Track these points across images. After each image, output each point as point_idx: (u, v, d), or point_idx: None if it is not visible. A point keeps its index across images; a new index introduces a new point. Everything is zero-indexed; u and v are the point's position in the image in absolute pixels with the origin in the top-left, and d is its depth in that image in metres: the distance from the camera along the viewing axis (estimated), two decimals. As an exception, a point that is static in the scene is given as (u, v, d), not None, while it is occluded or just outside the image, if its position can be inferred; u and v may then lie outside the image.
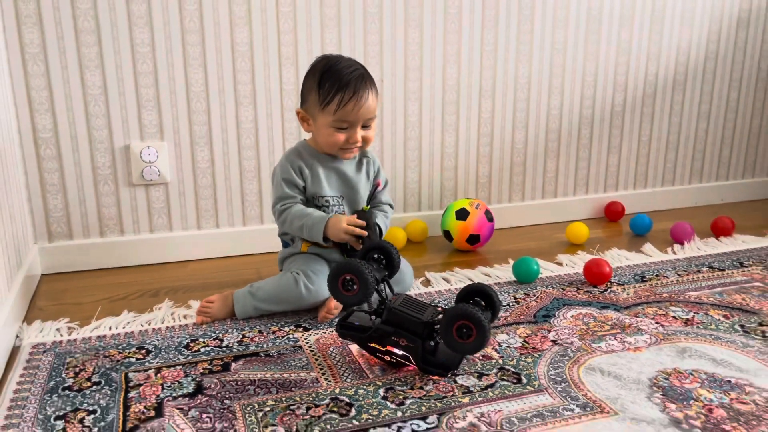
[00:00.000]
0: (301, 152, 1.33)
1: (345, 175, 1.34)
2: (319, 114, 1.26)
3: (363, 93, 1.24)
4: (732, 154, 2.19)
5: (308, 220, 1.27)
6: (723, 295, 1.39)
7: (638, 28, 1.94)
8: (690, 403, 0.98)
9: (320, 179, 1.31)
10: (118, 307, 1.35)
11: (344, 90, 1.23)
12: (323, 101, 1.24)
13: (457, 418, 0.94)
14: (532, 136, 1.91)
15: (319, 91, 1.24)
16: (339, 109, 1.24)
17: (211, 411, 0.97)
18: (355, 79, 1.24)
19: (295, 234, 1.31)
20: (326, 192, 1.32)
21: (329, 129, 1.27)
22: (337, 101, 1.23)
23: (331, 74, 1.24)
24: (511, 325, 1.26)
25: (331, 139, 1.27)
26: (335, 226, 1.24)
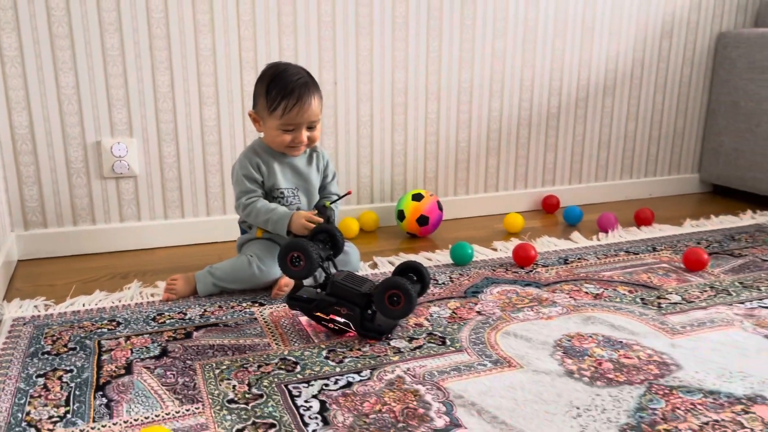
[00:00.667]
0: (257, 150, 1.48)
1: (298, 169, 1.49)
2: (268, 117, 1.41)
3: (306, 99, 1.39)
4: (659, 153, 2.40)
5: (273, 215, 1.41)
6: (632, 275, 1.58)
7: (570, 38, 2.13)
8: (584, 358, 1.16)
9: (276, 174, 1.47)
10: (90, 287, 1.49)
11: (289, 97, 1.37)
12: (271, 106, 1.39)
13: (387, 372, 1.11)
14: (474, 136, 2.09)
15: (267, 97, 1.39)
16: (285, 114, 1.38)
17: (174, 369, 1.12)
18: (299, 86, 1.38)
19: (259, 226, 1.46)
20: (282, 185, 1.47)
21: (277, 131, 1.41)
22: (282, 107, 1.38)
23: (278, 82, 1.38)
24: (444, 299, 1.43)
25: (278, 139, 1.42)
26: (297, 222, 1.39)
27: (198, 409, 0.99)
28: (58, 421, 0.96)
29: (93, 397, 1.03)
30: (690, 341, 1.23)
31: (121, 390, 1.05)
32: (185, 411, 0.99)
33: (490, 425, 0.96)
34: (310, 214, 1.40)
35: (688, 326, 1.30)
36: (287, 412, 0.98)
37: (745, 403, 1.02)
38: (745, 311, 1.37)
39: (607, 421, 0.97)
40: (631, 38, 2.22)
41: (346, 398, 1.02)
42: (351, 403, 1.01)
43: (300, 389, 1.05)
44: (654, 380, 1.08)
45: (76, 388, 1.05)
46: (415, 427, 0.95)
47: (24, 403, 1.01)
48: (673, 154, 2.43)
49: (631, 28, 2.22)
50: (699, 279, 1.55)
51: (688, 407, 1.00)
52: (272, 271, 1.41)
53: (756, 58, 2.19)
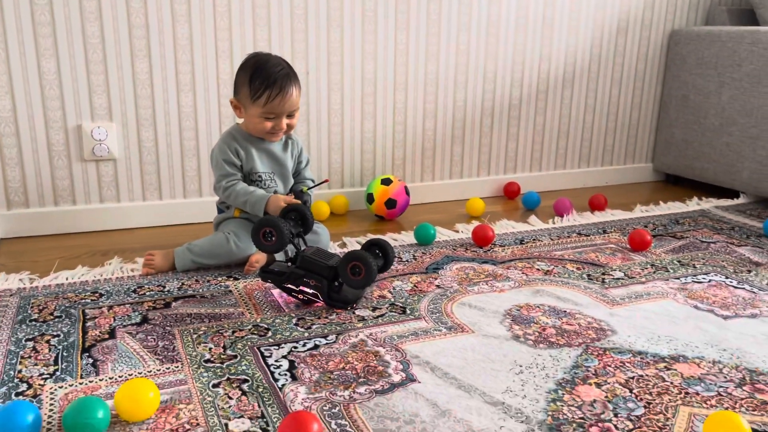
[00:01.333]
0: (235, 136, 1.56)
1: (274, 154, 1.59)
2: (250, 105, 1.50)
3: (288, 89, 1.48)
4: (615, 143, 2.54)
5: (251, 197, 1.51)
6: (581, 254, 1.71)
7: (531, 33, 2.25)
8: (530, 325, 1.28)
9: (254, 158, 1.56)
10: (72, 263, 1.57)
11: (272, 87, 1.46)
12: (254, 95, 1.47)
13: (351, 336, 1.22)
14: (440, 125, 2.20)
15: (251, 86, 1.47)
16: (267, 103, 1.47)
17: (155, 334, 1.21)
18: (281, 77, 1.47)
19: (238, 207, 1.55)
20: (259, 169, 1.57)
21: (258, 118, 1.50)
22: (266, 96, 1.46)
23: (261, 72, 1.47)
24: (406, 275, 1.54)
25: (260, 126, 1.51)
26: (275, 204, 1.48)
27: (177, 368, 1.09)
28: (48, 378, 1.05)
29: (80, 357, 1.12)
30: (626, 311, 1.36)
31: (105, 352, 1.14)
32: (165, 369, 1.09)
33: (442, 380, 1.07)
34: (287, 197, 1.49)
35: (627, 298, 1.43)
36: (259, 370, 1.09)
37: (668, 361, 1.15)
38: (679, 285, 1.50)
39: (545, 377, 1.09)
40: (588, 34, 2.35)
41: (313, 358, 1.13)
42: (317, 362, 1.12)
43: (271, 351, 1.15)
44: (591, 343, 1.21)
45: (63, 350, 1.14)
46: (374, 381, 1.06)
47: (15, 363, 1.09)
48: (628, 145, 2.57)
49: (589, 25, 2.34)
50: (642, 258, 1.69)
51: (617, 365, 1.13)
52: (248, 248, 1.50)
53: (704, 54, 2.34)
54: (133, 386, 0.93)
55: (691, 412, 0.99)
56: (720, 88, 2.29)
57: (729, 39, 2.25)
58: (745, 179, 2.23)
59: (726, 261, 1.66)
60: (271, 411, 0.97)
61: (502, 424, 0.95)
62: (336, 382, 1.05)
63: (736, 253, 1.73)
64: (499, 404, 1.00)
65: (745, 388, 1.07)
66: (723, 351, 1.19)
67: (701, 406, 1.01)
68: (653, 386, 1.06)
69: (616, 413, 0.98)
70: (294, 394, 1.02)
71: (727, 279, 1.54)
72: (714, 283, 1.52)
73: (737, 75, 2.23)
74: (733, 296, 1.44)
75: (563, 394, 1.03)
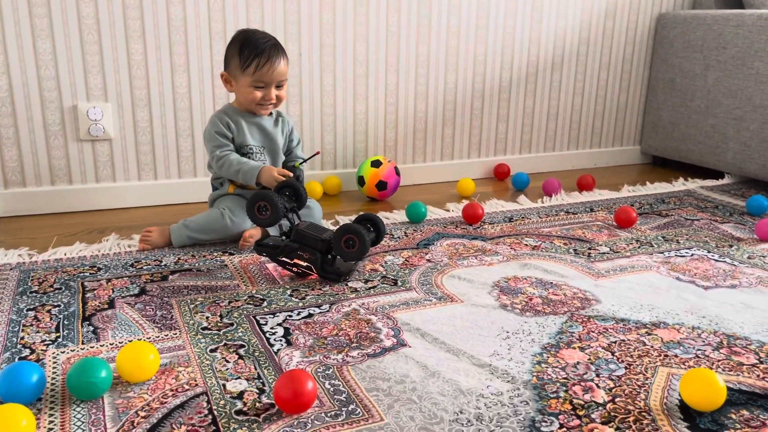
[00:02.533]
0: (227, 111, 1.59)
1: (264, 128, 1.62)
2: (240, 76, 1.53)
3: (276, 59, 1.52)
4: (603, 126, 2.59)
5: (245, 166, 1.54)
6: (569, 230, 1.76)
7: (521, 17, 2.28)
8: (517, 295, 1.32)
9: (244, 131, 1.59)
10: (69, 240, 1.60)
11: (260, 56, 1.50)
12: (243, 65, 1.51)
13: (344, 306, 1.25)
14: (431, 107, 2.23)
15: (240, 56, 1.51)
16: (257, 71, 1.51)
17: (153, 305, 1.24)
18: (269, 47, 1.52)
19: (231, 177, 1.57)
20: (250, 141, 1.60)
21: (249, 88, 1.54)
22: (255, 65, 1.51)
23: (250, 43, 1.51)
24: (398, 250, 1.57)
25: (250, 96, 1.55)
26: (268, 173, 1.51)
27: (175, 335, 1.13)
28: (50, 344, 1.08)
29: (80, 325, 1.15)
30: (611, 282, 1.40)
31: (105, 320, 1.17)
32: (164, 336, 1.12)
33: (432, 344, 1.11)
34: (281, 169, 1.52)
35: (612, 271, 1.47)
36: (255, 336, 1.12)
37: (649, 327, 1.19)
38: (663, 259, 1.55)
39: (531, 342, 1.13)
40: (577, 18, 2.39)
41: (307, 325, 1.17)
42: (311, 329, 1.15)
43: (266, 319, 1.19)
44: (576, 311, 1.25)
45: (64, 319, 1.17)
46: (366, 346, 1.10)
47: (18, 331, 1.12)
48: (616, 127, 2.62)
49: (577, 9, 2.38)
50: (627, 234, 1.73)
51: (600, 331, 1.18)
52: (243, 223, 1.54)
53: (690, 37, 2.38)
54: (134, 348, 0.97)
55: (669, 372, 1.04)
56: (706, 70, 2.33)
57: (714, 22, 2.29)
58: (730, 160, 2.28)
59: (709, 237, 1.71)
60: (267, 372, 1.01)
61: (488, 383, 0.99)
62: (329, 347, 1.09)
63: (719, 229, 1.78)
64: (486, 366, 1.04)
65: (722, 351, 1.11)
66: (702, 318, 1.24)
67: (679, 367, 1.05)
68: (634, 349, 1.11)
69: (598, 374, 1.03)
70: (289, 357, 1.05)
71: (709, 253, 1.59)
72: (696, 257, 1.56)
73: (722, 57, 2.27)
74: (714, 269, 1.49)
75: (548, 357, 1.07)
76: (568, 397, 0.96)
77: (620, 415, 0.92)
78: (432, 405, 0.94)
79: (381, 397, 0.95)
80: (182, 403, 0.93)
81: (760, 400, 0.97)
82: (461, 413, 0.92)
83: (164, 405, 0.92)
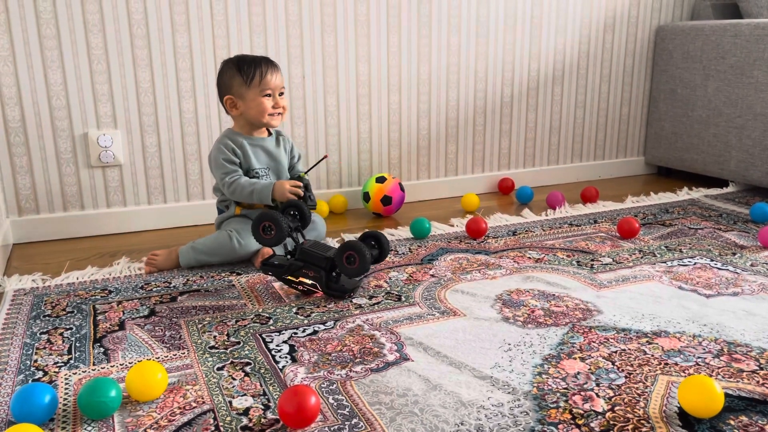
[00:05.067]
0: (230, 136, 1.63)
1: (268, 150, 1.66)
2: (247, 91, 1.57)
3: (273, 66, 1.59)
4: (606, 138, 2.60)
5: (257, 186, 1.57)
6: (572, 242, 1.77)
7: (520, 33, 2.32)
8: (520, 308, 1.34)
9: (250, 156, 1.62)
10: (82, 264, 1.64)
11: (260, 65, 1.57)
12: (247, 79, 1.56)
13: (348, 322, 1.28)
14: (434, 124, 2.27)
15: (241, 74, 1.56)
16: (262, 80, 1.56)
17: (162, 325, 1.27)
18: (264, 59, 1.59)
19: (245, 200, 1.60)
20: (256, 165, 1.63)
21: (258, 99, 1.57)
22: (258, 74, 1.56)
23: (246, 60, 1.58)
24: (402, 266, 1.60)
25: (261, 107, 1.58)
26: (280, 188, 1.54)
27: (183, 354, 1.15)
28: (62, 366, 1.12)
29: (92, 347, 1.18)
30: (613, 293, 1.42)
31: (116, 342, 1.20)
32: (173, 355, 1.15)
33: (434, 358, 1.13)
34: (293, 181, 1.55)
35: (614, 281, 1.48)
36: (261, 354, 1.15)
37: (650, 336, 1.21)
38: (665, 268, 1.56)
39: (533, 353, 1.15)
40: (576, 32, 2.42)
41: (312, 342, 1.19)
42: (316, 346, 1.18)
43: (272, 337, 1.22)
44: (577, 322, 1.27)
45: (76, 341, 1.21)
46: (370, 361, 1.12)
47: (31, 354, 1.16)
48: (619, 139, 2.63)
49: (576, 23, 2.41)
50: (630, 245, 1.74)
51: (601, 341, 1.19)
52: (251, 244, 1.57)
53: (689, 48, 2.40)
54: (142, 368, 0.99)
55: (669, 380, 1.05)
56: (706, 80, 2.35)
57: (712, 32, 2.31)
58: (733, 168, 2.29)
59: (712, 245, 1.72)
60: (272, 389, 1.03)
61: (489, 395, 1.01)
62: (333, 363, 1.11)
63: (723, 238, 1.78)
64: (487, 378, 1.06)
65: (723, 358, 1.12)
66: (704, 326, 1.25)
67: (679, 375, 1.06)
68: (635, 359, 1.12)
69: (598, 383, 1.04)
70: (294, 374, 1.08)
71: (712, 262, 1.60)
72: (699, 265, 1.57)
73: (721, 67, 2.29)
74: (717, 277, 1.50)
75: (549, 368, 1.09)
76: (567, 407, 0.98)
77: (619, 424, 0.93)
78: (433, 417, 0.95)
79: (383, 410, 0.97)
80: (189, 420, 0.95)
81: (759, 406, 0.98)
82: (462, 425, 0.93)
83: (172, 422, 0.95)
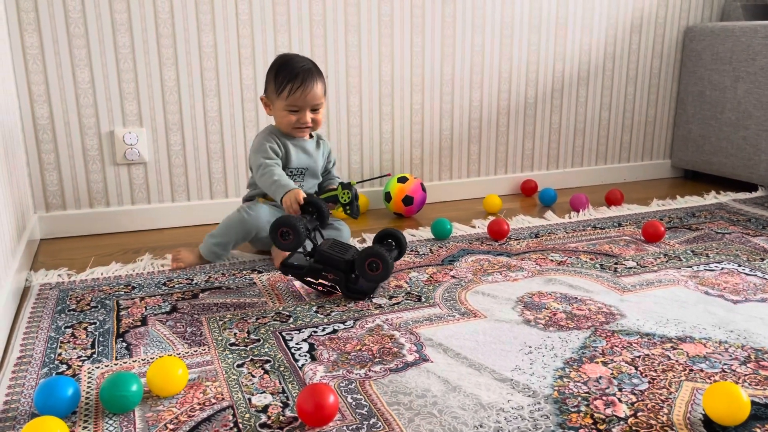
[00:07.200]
0: (273, 132, 1.64)
1: (308, 151, 1.66)
2: (276, 99, 1.58)
3: (309, 83, 1.56)
4: (632, 140, 2.57)
5: (282, 180, 1.54)
6: (595, 245, 1.75)
7: (545, 33, 2.30)
8: (541, 310, 1.32)
9: (290, 154, 1.63)
10: (106, 260, 1.66)
11: (294, 80, 1.55)
12: (278, 89, 1.56)
13: (368, 322, 1.28)
14: (457, 124, 2.26)
15: (275, 81, 1.57)
16: (290, 96, 1.56)
17: (183, 322, 1.28)
18: (303, 72, 1.56)
19: (265, 187, 1.58)
20: (294, 165, 1.64)
21: (283, 111, 1.59)
22: (288, 89, 1.55)
23: (284, 68, 1.57)
24: (422, 266, 1.59)
25: (285, 120, 1.59)
26: (289, 197, 1.51)
27: (204, 350, 1.16)
28: (86, 360, 1.13)
29: (114, 342, 1.20)
30: (637, 297, 1.40)
31: (138, 337, 1.22)
32: (193, 352, 1.16)
33: (454, 359, 1.12)
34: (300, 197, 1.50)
35: (638, 285, 1.46)
36: (281, 352, 1.15)
37: (674, 342, 1.18)
38: (691, 273, 1.53)
39: (554, 356, 1.13)
40: (602, 33, 2.39)
41: (331, 341, 1.19)
42: (335, 344, 1.18)
43: (292, 335, 1.22)
44: (600, 326, 1.25)
45: (99, 336, 1.22)
46: (389, 361, 1.11)
47: (56, 347, 1.18)
48: (645, 141, 2.60)
49: (602, 24, 2.38)
50: (655, 248, 1.72)
51: (624, 345, 1.17)
52: (260, 215, 1.57)
53: (719, 50, 2.35)
54: (163, 364, 1.00)
55: (694, 386, 1.03)
56: (735, 82, 2.31)
57: (743, 34, 2.26)
58: (763, 172, 2.24)
59: (740, 250, 1.68)
60: (291, 387, 1.03)
61: (509, 398, 1.00)
62: (353, 362, 1.11)
63: (751, 243, 1.75)
64: (507, 381, 1.05)
65: (750, 365, 1.10)
66: (730, 332, 1.22)
67: (705, 381, 1.04)
68: (658, 364, 1.10)
69: (620, 388, 1.02)
70: (313, 372, 1.08)
71: (740, 267, 1.56)
72: (726, 270, 1.54)
73: (752, 69, 2.24)
74: (745, 282, 1.47)
75: (570, 372, 1.08)
76: (589, 411, 0.96)
77: (642, 430, 0.92)
78: (452, 419, 0.95)
79: (402, 411, 0.97)
80: (209, 416, 0.96)
81: (788, 415, 0.95)
82: (481, 427, 0.93)
83: (192, 418, 0.95)
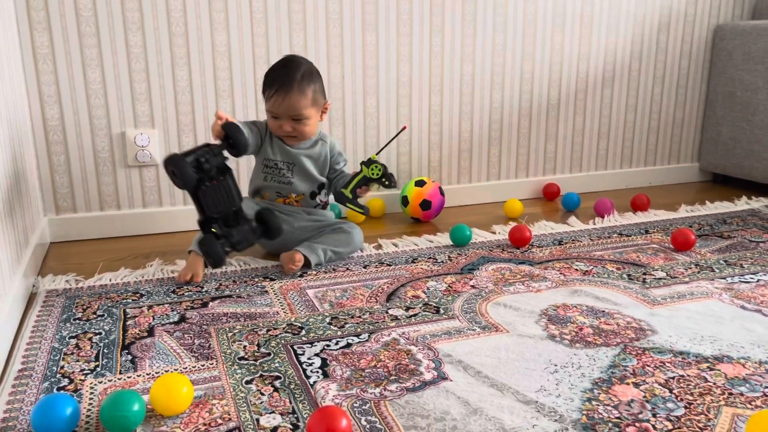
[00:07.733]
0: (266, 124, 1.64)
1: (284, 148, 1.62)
2: (265, 103, 1.59)
3: (287, 92, 1.52)
4: (658, 142, 2.48)
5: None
6: (622, 254, 1.67)
7: (569, 32, 2.22)
8: (567, 325, 1.25)
9: (268, 144, 1.61)
10: (115, 265, 1.61)
11: (270, 88, 1.54)
12: (263, 94, 1.57)
13: (384, 335, 1.21)
14: (477, 126, 2.19)
15: (263, 83, 1.57)
16: (267, 102, 1.56)
17: (191, 333, 1.23)
18: (281, 79, 1.53)
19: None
20: (270, 156, 1.61)
21: (268, 115, 1.59)
22: (266, 95, 1.56)
23: (270, 72, 1.57)
24: (441, 275, 1.53)
25: (270, 124, 1.60)
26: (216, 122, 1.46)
27: (212, 365, 1.11)
28: (89, 373, 1.08)
29: (119, 354, 1.15)
30: (668, 311, 1.32)
31: (144, 349, 1.17)
32: (201, 366, 1.10)
33: (474, 378, 1.06)
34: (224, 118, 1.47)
35: (669, 298, 1.38)
36: (292, 367, 1.09)
37: (711, 361, 1.11)
38: (725, 285, 1.45)
39: (581, 376, 1.06)
40: (629, 32, 2.30)
41: (345, 356, 1.13)
42: (349, 360, 1.12)
43: (304, 349, 1.16)
44: (629, 343, 1.18)
45: (104, 347, 1.17)
46: (405, 379, 1.05)
47: (58, 359, 1.13)
48: (672, 144, 2.50)
49: (629, 22, 2.29)
50: (686, 258, 1.63)
51: (657, 365, 1.10)
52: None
53: (751, 49, 2.26)
54: (167, 381, 0.95)
55: (734, 412, 0.96)
56: (769, 83, 2.21)
57: (777, 32, 2.17)
58: (798, 177, 2.14)
59: (776, 261, 1.60)
60: (302, 407, 0.98)
61: (534, 422, 0.93)
62: (367, 380, 1.05)
63: (787, 252, 1.66)
64: (532, 403, 0.98)
65: (794, 390, 1.02)
66: (770, 351, 1.14)
67: (745, 407, 0.97)
68: (695, 386, 1.03)
69: (654, 413, 0.95)
70: (325, 390, 1.02)
71: (777, 279, 1.48)
72: (763, 282, 1.46)
73: (787, 69, 2.14)
74: (783, 296, 1.38)
75: (599, 394, 1.01)
76: (621, 440, 0.89)
77: (679, 462, 0.85)
78: (473, 445, 0.88)
79: (419, 435, 0.91)
80: (214, 438, 0.90)
81: (839, 448, 0.87)
82: (504, 456, 0.86)
83: (196, 440, 0.90)
